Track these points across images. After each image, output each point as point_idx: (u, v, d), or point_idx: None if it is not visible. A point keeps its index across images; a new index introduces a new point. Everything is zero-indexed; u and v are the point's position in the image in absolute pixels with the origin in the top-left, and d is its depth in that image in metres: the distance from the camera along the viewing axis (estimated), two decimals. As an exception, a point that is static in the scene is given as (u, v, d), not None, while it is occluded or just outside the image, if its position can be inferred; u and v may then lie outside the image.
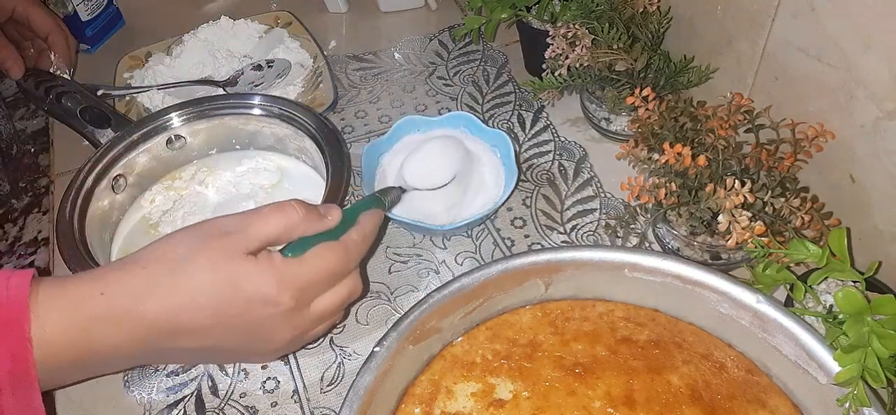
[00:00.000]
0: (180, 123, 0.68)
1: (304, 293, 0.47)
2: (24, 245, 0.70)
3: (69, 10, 0.87)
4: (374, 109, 0.81)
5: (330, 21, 0.94)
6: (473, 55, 0.87)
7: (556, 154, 0.74)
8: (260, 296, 0.45)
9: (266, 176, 0.69)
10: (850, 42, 0.53)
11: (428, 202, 0.65)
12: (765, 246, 0.51)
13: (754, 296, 0.49)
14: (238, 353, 0.50)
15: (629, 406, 0.48)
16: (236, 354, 0.51)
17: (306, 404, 0.56)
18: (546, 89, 0.70)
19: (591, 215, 0.68)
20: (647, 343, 0.52)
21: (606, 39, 0.67)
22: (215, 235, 0.45)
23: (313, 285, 0.47)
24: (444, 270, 0.64)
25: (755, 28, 0.62)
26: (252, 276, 0.45)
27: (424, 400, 0.50)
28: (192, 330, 0.45)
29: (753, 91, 0.65)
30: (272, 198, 0.67)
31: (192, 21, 0.87)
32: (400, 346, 0.49)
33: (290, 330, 0.48)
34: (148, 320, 0.43)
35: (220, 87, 0.79)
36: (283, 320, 0.47)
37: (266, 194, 0.68)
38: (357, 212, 0.52)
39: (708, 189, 0.54)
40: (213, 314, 0.44)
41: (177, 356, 0.51)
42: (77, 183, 0.62)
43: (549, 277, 0.54)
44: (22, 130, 0.83)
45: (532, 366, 0.51)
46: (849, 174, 0.57)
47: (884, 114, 0.52)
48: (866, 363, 0.43)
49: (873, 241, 0.56)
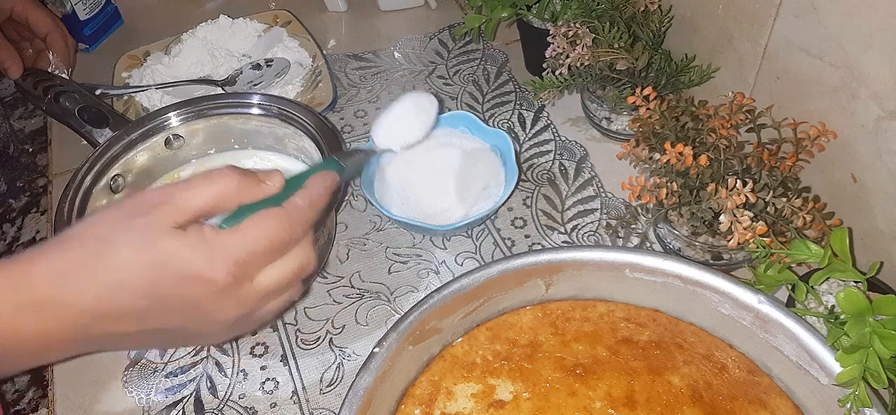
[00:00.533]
0: (179, 122, 0.68)
1: (243, 267, 0.42)
2: (22, 245, 0.70)
3: (67, 9, 0.87)
4: (374, 109, 0.80)
5: (329, 20, 0.94)
6: (473, 54, 0.87)
7: (556, 154, 0.74)
8: (191, 273, 0.41)
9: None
10: (851, 41, 0.53)
11: (428, 202, 0.65)
12: (766, 246, 0.50)
13: (756, 296, 0.49)
14: (185, 334, 0.46)
15: (630, 407, 0.48)
16: (184, 335, 0.47)
17: (306, 404, 0.55)
18: (547, 89, 0.70)
19: (592, 215, 0.68)
20: (648, 344, 0.52)
21: (607, 38, 0.67)
22: (140, 211, 0.42)
23: (253, 258, 0.43)
24: (444, 270, 0.64)
25: (757, 27, 0.62)
26: (180, 252, 0.41)
27: (424, 401, 0.50)
28: (126, 314, 0.41)
29: (755, 90, 0.65)
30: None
31: (191, 20, 0.86)
32: (400, 346, 0.49)
33: (234, 308, 0.44)
34: (75, 305, 0.40)
35: (218, 87, 0.78)
36: (221, 297, 0.42)
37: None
38: (306, 177, 0.48)
39: (709, 189, 0.53)
40: (146, 295, 0.41)
41: (121, 342, 0.46)
42: (75, 183, 0.61)
43: (549, 278, 0.53)
44: (20, 129, 0.83)
45: (532, 367, 0.51)
46: (851, 174, 0.57)
47: (885, 113, 0.52)
48: (868, 364, 0.43)
49: (875, 241, 0.56)
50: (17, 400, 0.59)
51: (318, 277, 0.63)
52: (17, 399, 0.59)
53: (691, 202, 0.55)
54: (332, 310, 0.61)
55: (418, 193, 0.66)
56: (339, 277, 0.64)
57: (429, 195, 0.66)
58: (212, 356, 0.59)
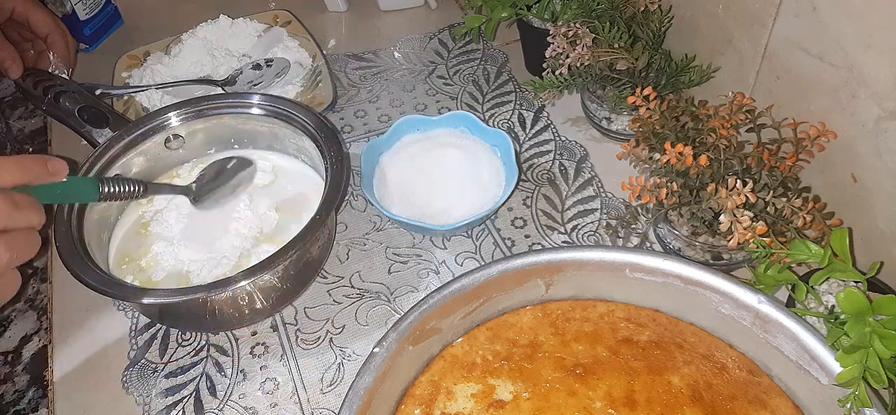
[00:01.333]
0: (179, 122, 0.68)
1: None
2: (22, 245, 0.70)
3: (67, 9, 0.87)
4: (374, 109, 0.80)
5: (329, 20, 0.94)
6: (473, 54, 0.87)
7: (556, 154, 0.74)
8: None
9: (263, 176, 0.69)
10: (851, 41, 0.53)
11: (428, 202, 0.65)
12: (766, 246, 0.50)
13: (756, 296, 0.49)
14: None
15: (630, 407, 0.48)
16: None
17: (306, 404, 0.55)
18: (547, 89, 0.70)
19: (592, 215, 0.68)
20: (648, 344, 0.52)
21: (607, 38, 0.67)
22: None
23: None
24: (444, 270, 0.64)
25: (757, 27, 0.62)
26: None
27: (424, 401, 0.50)
28: None
29: (755, 90, 0.65)
30: (270, 197, 0.66)
31: (191, 20, 0.86)
32: (400, 346, 0.49)
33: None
34: None
35: (218, 87, 0.78)
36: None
37: (263, 193, 0.67)
38: (59, 188, 0.50)
39: (709, 189, 0.53)
40: None
41: None
42: (75, 183, 0.61)
43: (549, 278, 0.53)
44: (20, 129, 0.83)
45: (532, 367, 0.51)
46: (851, 174, 0.57)
47: (886, 113, 0.52)
48: (868, 364, 0.43)
49: (875, 241, 0.56)
50: (17, 400, 0.59)
51: (318, 278, 0.63)
52: (17, 399, 0.59)
53: (691, 202, 0.55)
54: (332, 310, 0.61)
55: (418, 193, 0.66)
56: (339, 277, 0.64)
57: (429, 195, 0.66)
58: (212, 356, 0.59)
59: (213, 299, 0.56)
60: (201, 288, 0.54)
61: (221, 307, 0.57)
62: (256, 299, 0.58)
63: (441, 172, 0.68)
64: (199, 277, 0.60)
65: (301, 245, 0.55)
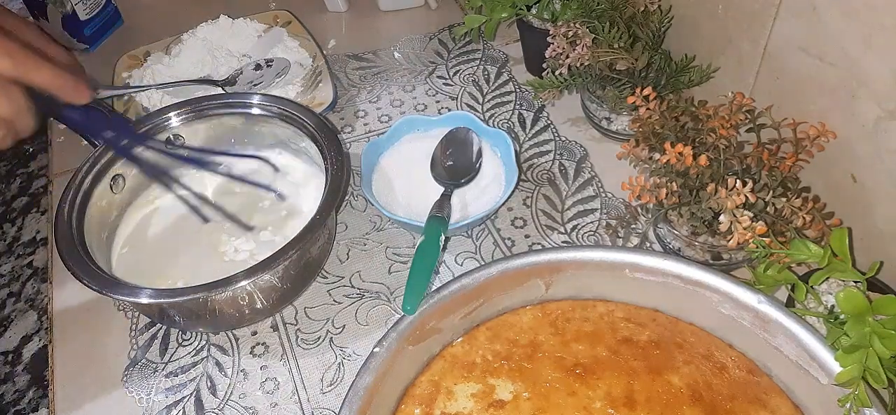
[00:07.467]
0: (179, 122, 0.68)
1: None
2: (22, 245, 0.70)
3: (68, 9, 0.87)
4: (374, 109, 0.81)
5: (329, 20, 0.94)
6: (473, 54, 0.87)
7: (556, 154, 0.74)
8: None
9: (263, 176, 0.69)
10: (851, 41, 0.53)
11: (428, 202, 0.65)
12: (766, 246, 0.50)
13: (755, 296, 0.49)
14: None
15: (630, 407, 0.48)
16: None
17: (306, 404, 0.55)
18: (547, 89, 0.70)
19: (592, 215, 0.68)
20: (648, 344, 0.52)
21: (607, 39, 0.67)
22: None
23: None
24: (444, 270, 0.64)
25: (756, 27, 0.62)
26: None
27: (424, 401, 0.50)
28: None
29: (755, 90, 0.65)
30: (270, 197, 0.66)
31: (191, 20, 0.86)
32: (400, 346, 0.49)
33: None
34: None
35: (218, 87, 0.78)
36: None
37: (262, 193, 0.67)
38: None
39: (709, 189, 0.53)
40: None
41: None
42: (76, 183, 0.61)
43: (549, 278, 0.54)
44: (20, 129, 0.83)
45: (532, 366, 0.51)
46: (850, 174, 0.57)
47: (885, 113, 0.52)
48: (867, 364, 0.43)
49: (875, 241, 0.56)
50: (18, 400, 0.59)
51: (319, 277, 0.63)
52: (17, 399, 0.59)
53: (691, 202, 0.55)
54: (333, 310, 0.61)
55: (418, 194, 0.66)
56: (339, 277, 0.64)
57: (428, 195, 0.66)
58: (212, 356, 0.59)
59: (214, 299, 0.56)
60: (201, 288, 0.54)
61: (222, 307, 0.57)
62: (257, 299, 0.58)
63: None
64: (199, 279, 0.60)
65: (301, 245, 0.55)
